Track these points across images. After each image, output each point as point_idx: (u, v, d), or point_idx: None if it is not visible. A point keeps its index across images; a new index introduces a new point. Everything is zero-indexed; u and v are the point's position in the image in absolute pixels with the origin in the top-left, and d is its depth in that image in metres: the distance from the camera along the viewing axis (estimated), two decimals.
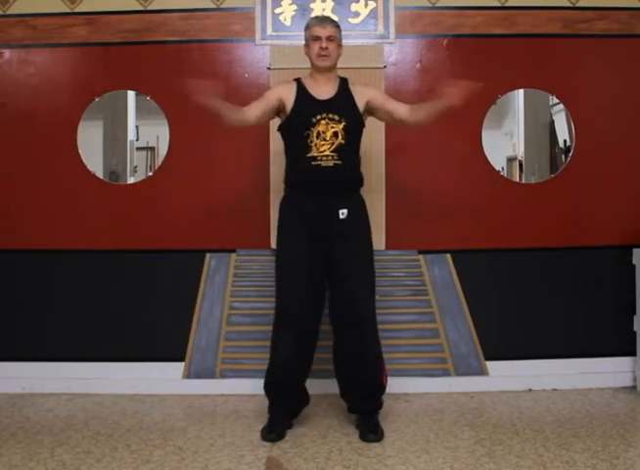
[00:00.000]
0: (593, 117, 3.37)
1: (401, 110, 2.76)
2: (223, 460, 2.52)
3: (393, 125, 3.03)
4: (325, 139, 2.66)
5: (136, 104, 3.39)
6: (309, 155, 2.66)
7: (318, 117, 2.67)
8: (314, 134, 2.66)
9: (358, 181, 2.80)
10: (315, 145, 2.66)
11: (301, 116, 2.69)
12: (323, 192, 2.68)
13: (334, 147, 2.67)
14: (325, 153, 2.66)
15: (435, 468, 2.45)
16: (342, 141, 2.67)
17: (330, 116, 2.67)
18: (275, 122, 2.87)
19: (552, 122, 3.46)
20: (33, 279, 3.38)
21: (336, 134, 2.67)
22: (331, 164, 2.66)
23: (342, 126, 2.68)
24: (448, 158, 3.34)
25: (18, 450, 2.62)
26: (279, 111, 2.77)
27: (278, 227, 2.81)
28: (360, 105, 2.75)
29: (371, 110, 2.80)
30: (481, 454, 2.55)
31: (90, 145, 3.38)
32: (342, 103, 2.72)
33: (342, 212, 2.68)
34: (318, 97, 2.72)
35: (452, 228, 3.34)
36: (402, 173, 3.32)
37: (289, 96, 2.73)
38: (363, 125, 2.79)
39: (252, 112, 2.71)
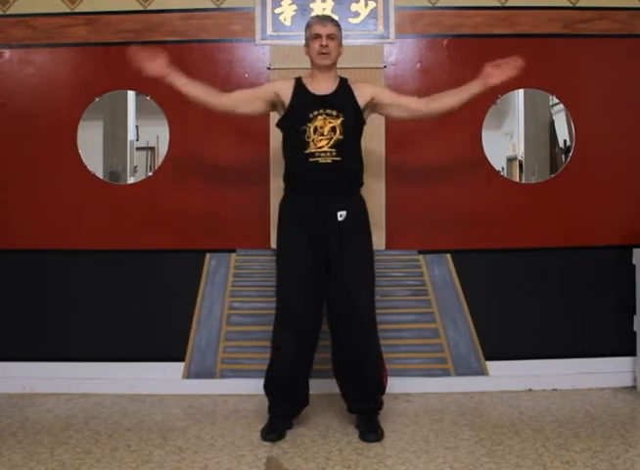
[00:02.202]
0: (593, 117, 3.37)
1: (415, 103, 2.76)
2: (223, 460, 2.52)
3: (400, 121, 3.00)
4: (322, 134, 2.64)
5: (136, 104, 3.39)
6: (307, 151, 2.64)
7: (315, 112, 2.65)
8: (311, 129, 2.64)
9: (357, 179, 2.78)
10: (313, 141, 2.64)
11: (298, 110, 2.68)
12: (321, 190, 2.66)
13: (332, 142, 2.65)
14: (323, 149, 2.64)
15: (435, 468, 2.45)
16: (341, 136, 2.65)
17: (327, 111, 2.66)
18: (275, 121, 2.87)
19: (552, 122, 3.46)
20: (33, 279, 3.38)
21: (334, 129, 2.65)
22: (329, 160, 2.64)
23: (339, 121, 2.66)
24: (448, 158, 3.34)
25: (18, 450, 2.62)
26: (274, 105, 2.76)
27: (278, 227, 2.81)
28: (362, 101, 2.73)
29: (377, 106, 2.78)
30: (481, 454, 2.55)
31: (90, 145, 3.38)
32: (341, 98, 2.71)
33: (341, 214, 2.67)
34: (316, 93, 2.71)
35: (452, 228, 3.34)
36: (402, 173, 3.32)
37: (286, 91, 2.72)
38: (363, 122, 2.78)
39: (229, 95, 2.72)
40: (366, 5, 3.34)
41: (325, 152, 2.65)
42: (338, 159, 2.65)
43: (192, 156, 3.35)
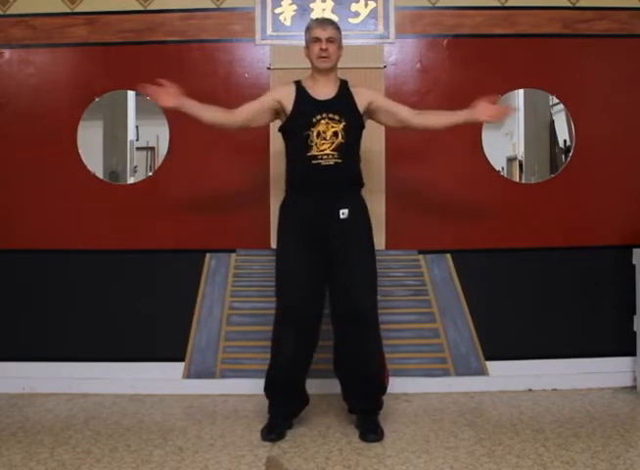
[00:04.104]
0: (593, 116, 3.37)
1: (406, 112, 2.80)
2: (223, 460, 2.52)
3: (394, 127, 3.03)
4: (325, 139, 2.67)
5: (136, 104, 3.39)
6: (310, 154, 2.66)
7: (318, 116, 2.67)
8: (314, 134, 2.66)
9: (358, 180, 2.80)
10: (316, 144, 2.67)
11: (302, 116, 2.70)
12: (324, 191, 2.68)
13: (334, 146, 2.67)
14: (325, 151, 2.66)
15: (435, 468, 2.45)
16: (343, 140, 2.68)
17: (330, 115, 2.68)
18: (275, 123, 2.87)
19: (552, 122, 3.46)
20: (33, 279, 3.38)
21: (336, 134, 2.67)
22: (331, 162, 2.66)
23: (342, 126, 2.68)
24: (448, 158, 3.34)
25: (18, 450, 2.62)
26: (277, 113, 2.78)
27: (278, 227, 2.81)
28: (361, 106, 2.75)
29: (372, 112, 2.80)
30: (481, 454, 2.55)
31: (90, 145, 3.38)
32: (342, 103, 2.73)
33: (343, 212, 2.68)
34: (318, 97, 2.73)
35: (452, 228, 3.34)
36: (402, 173, 3.32)
37: (287, 98, 2.73)
38: (363, 126, 2.80)
39: (240, 113, 2.74)
40: (366, 5, 3.34)
41: (327, 154, 2.66)
42: (339, 161, 2.67)
43: (192, 156, 3.34)
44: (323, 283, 2.74)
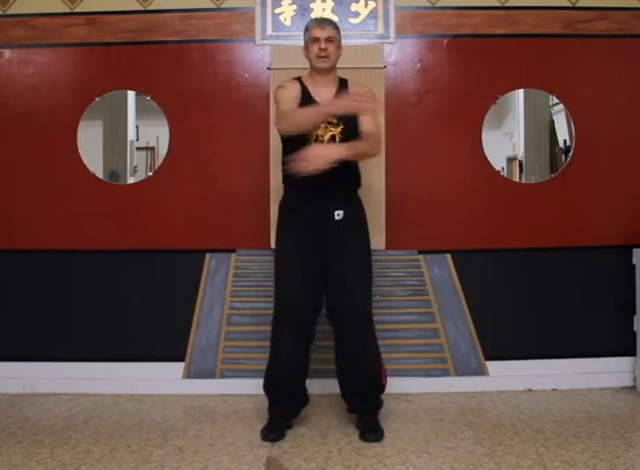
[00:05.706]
0: (593, 116, 3.36)
1: (364, 128, 2.70)
2: (223, 460, 2.52)
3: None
4: (322, 142, 2.65)
5: (136, 104, 3.39)
6: None
7: None
8: (312, 138, 2.65)
9: (354, 182, 2.80)
10: None
11: None
12: (320, 195, 2.67)
13: None
14: None
15: (435, 468, 2.45)
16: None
17: (328, 120, 2.66)
18: (274, 119, 2.87)
19: (552, 122, 3.46)
20: (33, 279, 3.37)
21: (333, 138, 2.66)
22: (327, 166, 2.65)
23: (339, 130, 2.67)
24: (448, 158, 3.34)
25: (18, 450, 2.62)
26: None
27: (277, 228, 2.81)
28: None
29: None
30: (481, 454, 2.55)
31: (90, 145, 3.37)
32: None
33: (338, 214, 2.68)
34: (318, 100, 2.71)
35: (452, 228, 3.34)
36: (402, 173, 3.32)
37: (298, 97, 2.70)
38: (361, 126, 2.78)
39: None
40: (366, 5, 3.34)
41: None
42: (335, 165, 2.64)
43: (192, 156, 3.35)
44: (321, 282, 2.74)
